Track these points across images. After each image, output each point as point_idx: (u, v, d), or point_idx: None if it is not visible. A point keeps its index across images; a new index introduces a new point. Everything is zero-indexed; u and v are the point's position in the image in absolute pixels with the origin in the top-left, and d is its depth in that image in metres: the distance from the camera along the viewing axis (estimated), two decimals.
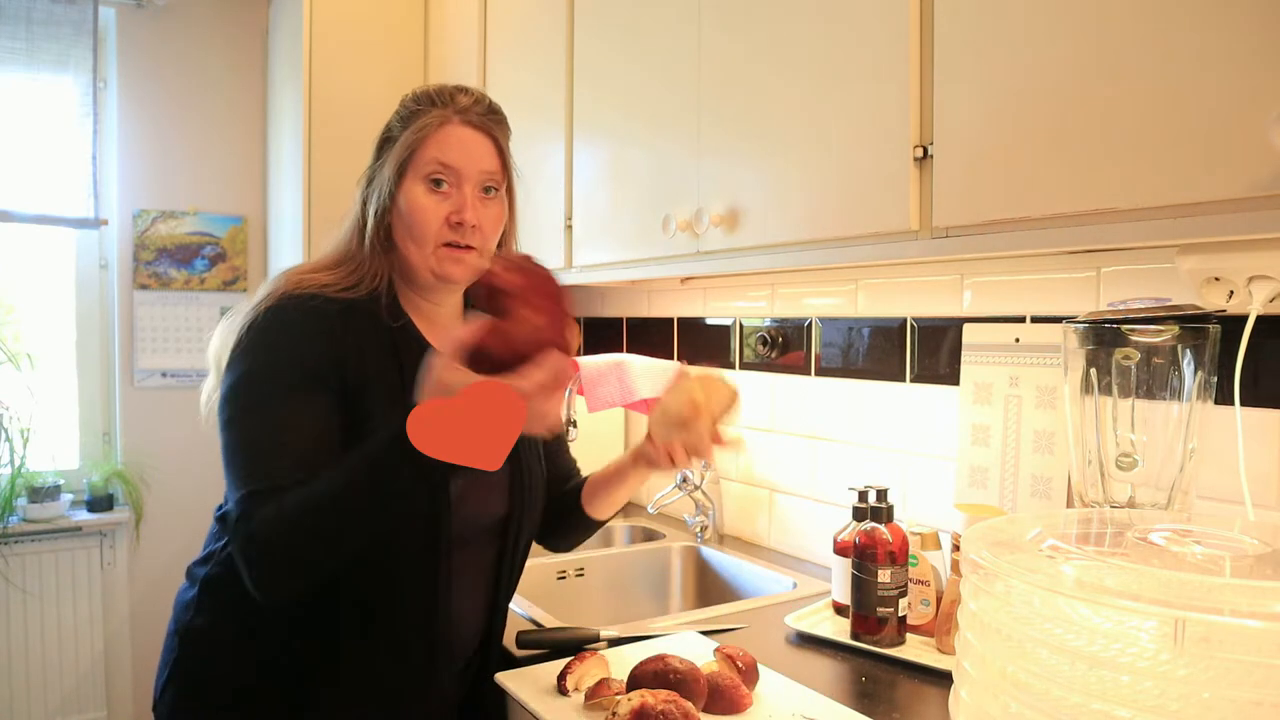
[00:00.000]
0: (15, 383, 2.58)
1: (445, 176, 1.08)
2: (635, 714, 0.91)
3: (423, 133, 1.08)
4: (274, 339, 1.03)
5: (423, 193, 1.08)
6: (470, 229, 1.08)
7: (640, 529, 2.03)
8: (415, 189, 1.08)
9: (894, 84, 1.06)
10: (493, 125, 1.12)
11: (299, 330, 1.03)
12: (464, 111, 1.10)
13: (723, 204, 1.33)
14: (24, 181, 2.51)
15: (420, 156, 1.08)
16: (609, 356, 1.84)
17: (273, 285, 1.08)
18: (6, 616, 2.51)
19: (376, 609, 1.08)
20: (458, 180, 1.09)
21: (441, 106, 1.10)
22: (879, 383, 1.57)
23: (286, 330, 1.03)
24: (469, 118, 1.10)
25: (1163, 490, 0.97)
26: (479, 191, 1.10)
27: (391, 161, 1.10)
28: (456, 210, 1.08)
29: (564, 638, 1.24)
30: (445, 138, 1.09)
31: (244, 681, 1.07)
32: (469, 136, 1.10)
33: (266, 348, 1.02)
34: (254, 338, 1.03)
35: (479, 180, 1.10)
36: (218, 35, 2.79)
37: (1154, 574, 0.68)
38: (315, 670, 1.06)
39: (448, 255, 1.09)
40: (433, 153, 1.08)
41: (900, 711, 1.03)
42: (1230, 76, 0.76)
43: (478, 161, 1.10)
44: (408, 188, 1.09)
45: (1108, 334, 0.99)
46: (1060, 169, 0.89)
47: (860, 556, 1.21)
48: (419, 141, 1.08)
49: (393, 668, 1.09)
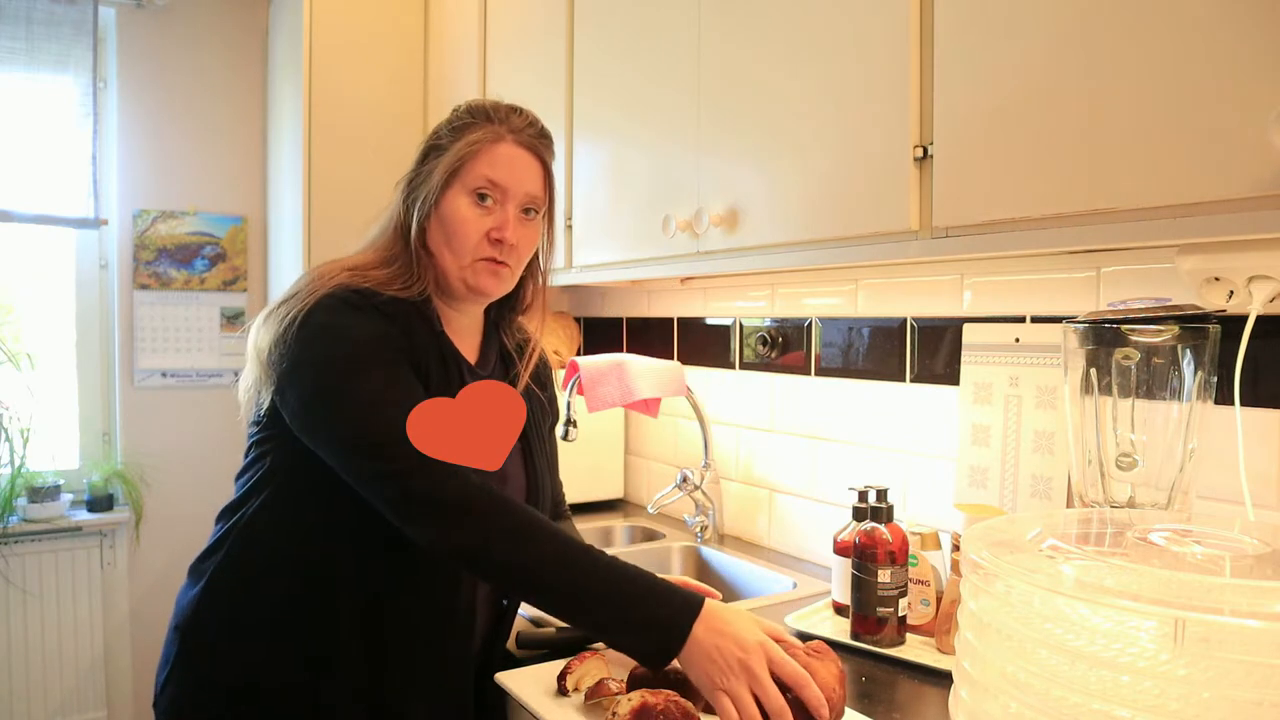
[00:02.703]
0: (15, 383, 2.58)
1: (491, 193, 1.11)
2: (635, 714, 0.91)
3: (475, 147, 1.10)
4: (350, 322, 1.03)
5: (467, 204, 1.10)
6: (509, 248, 1.11)
7: (640, 529, 2.03)
8: (460, 200, 1.10)
9: (894, 84, 1.06)
10: (542, 149, 1.15)
11: (372, 316, 1.04)
12: (517, 132, 1.13)
13: (723, 204, 1.33)
14: (24, 181, 2.51)
15: (470, 170, 1.10)
16: (609, 356, 1.84)
17: (317, 279, 1.08)
18: (6, 616, 2.51)
19: (384, 608, 1.08)
20: (503, 198, 1.11)
21: (496, 124, 1.12)
22: (879, 383, 1.57)
23: (359, 315, 1.03)
24: (521, 138, 1.13)
25: (1163, 490, 0.97)
26: (520, 212, 1.12)
27: (440, 170, 1.11)
28: (498, 227, 1.10)
29: (564, 638, 1.24)
30: (496, 155, 1.11)
31: (244, 679, 1.07)
32: (519, 157, 1.12)
33: (343, 330, 1.02)
34: (325, 322, 1.02)
35: (522, 201, 1.12)
36: (218, 35, 2.79)
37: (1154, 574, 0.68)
38: (316, 666, 1.07)
39: (484, 268, 1.11)
40: (483, 169, 1.10)
41: (900, 711, 1.03)
42: (1230, 76, 0.76)
43: (524, 183, 1.12)
44: (453, 198, 1.10)
45: (1108, 334, 0.99)
46: (1060, 169, 0.89)
47: (860, 556, 1.21)
48: (470, 155, 1.10)
49: (400, 667, 1.09)
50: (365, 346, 1.02)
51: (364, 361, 1.01)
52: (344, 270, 1.09)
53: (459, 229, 1.09)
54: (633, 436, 2.26)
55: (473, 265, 1.11)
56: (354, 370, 1.00)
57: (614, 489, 2.24)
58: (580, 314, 2.51)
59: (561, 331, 2.34)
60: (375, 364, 1.01)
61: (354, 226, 1.25)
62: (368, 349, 1.02)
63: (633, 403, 1.85)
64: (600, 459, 2.22)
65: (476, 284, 1.12)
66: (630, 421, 2.27)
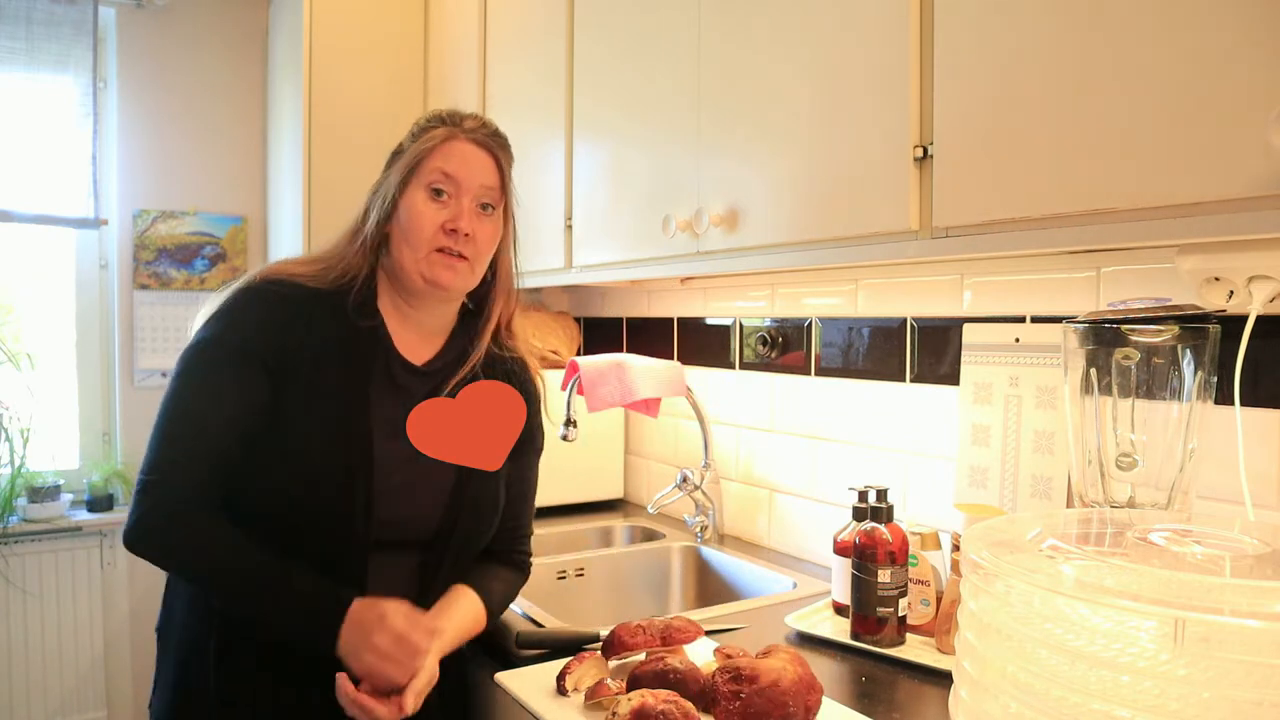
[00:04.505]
0: (15, 383, 2.58)
1: (445, 186, 1.14)
2: (635, 714, 0.91)
3: (428, 144, 1.15)
4: (226, 316, 1.12)
5: (423, 199, 1.14)
6: (463, 237, 1.13)
7: (640, 529, 2.03)
8: (416, 196, 1.14)
9: (894, 84, 1.06)
10: (495, 146, 1.19)
11: (251, 310, 1.12)
12: (470, 131, 1.17)
13: (723, 204, 1.33)
14: (24, 181, 2.51)
15: (424, 166, 1.15)
16: (609, 356, 1.84)
17: (251, 272, 1.17)
18: (6, 616, 2.51)
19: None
20: (457, 191, 1.15)
21: (450, 125, 1.17)
22: (879, 383, 1.57)
23: (240, 309, 1.12)
24: (474, 136, 1.17)
25: (1163, 490, 0.97)
26: (476, 206, 1.16)
27: (397, 171, 1.16)
28: (452, 218, 1.13)
29: (564, 638, 1.24)
30: (449, 150, 1.15)
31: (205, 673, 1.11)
32: (471, 151, 1.16)
33: (216, 321, 1.11)
34: (214, 313, 1.13)
35: (477, 194, 1.16)
36: (218, 35, 2.79)
37: (1154, 574, 0.68)
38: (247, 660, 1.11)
39: (439, 260, 1.14)
40: (436, 162, 1.14)
41: (900, 711, 1.03)
42: (1230, 76, 0.76)
43: (478, 175, 1.16)
44: (410, 195, 1.15)
45: (1108, 334, 0.99)
46: (1060, 169, 0.89)
47: (860, 556, 1.21)
48: (425, 153, 1.15)
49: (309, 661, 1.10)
50: (215, 347, 1.10)
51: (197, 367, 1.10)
52: (276, 264, 1.18)
53: (414, 222, 1.13)
54: (633, 436, 2.26)
55: (428, 257, 1.13)
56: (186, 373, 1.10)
57: (614, 489, 2.24)
58: (580, 314, 2.51)
59: (562, 331, 2.33)
60: (209, 368, 1.10)
61: None
62: (216, 350, 1.10)
63: (633, 403, 1.85)
64: (600, 459, 2.21)
65: (433, 276, 1.14)
66: (630, 421, 2.27)
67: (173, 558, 1.09)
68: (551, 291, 2.54)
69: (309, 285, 1.14)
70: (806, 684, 0.97)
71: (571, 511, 2.13)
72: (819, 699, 0.98)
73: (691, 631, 1.13)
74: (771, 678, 0.95)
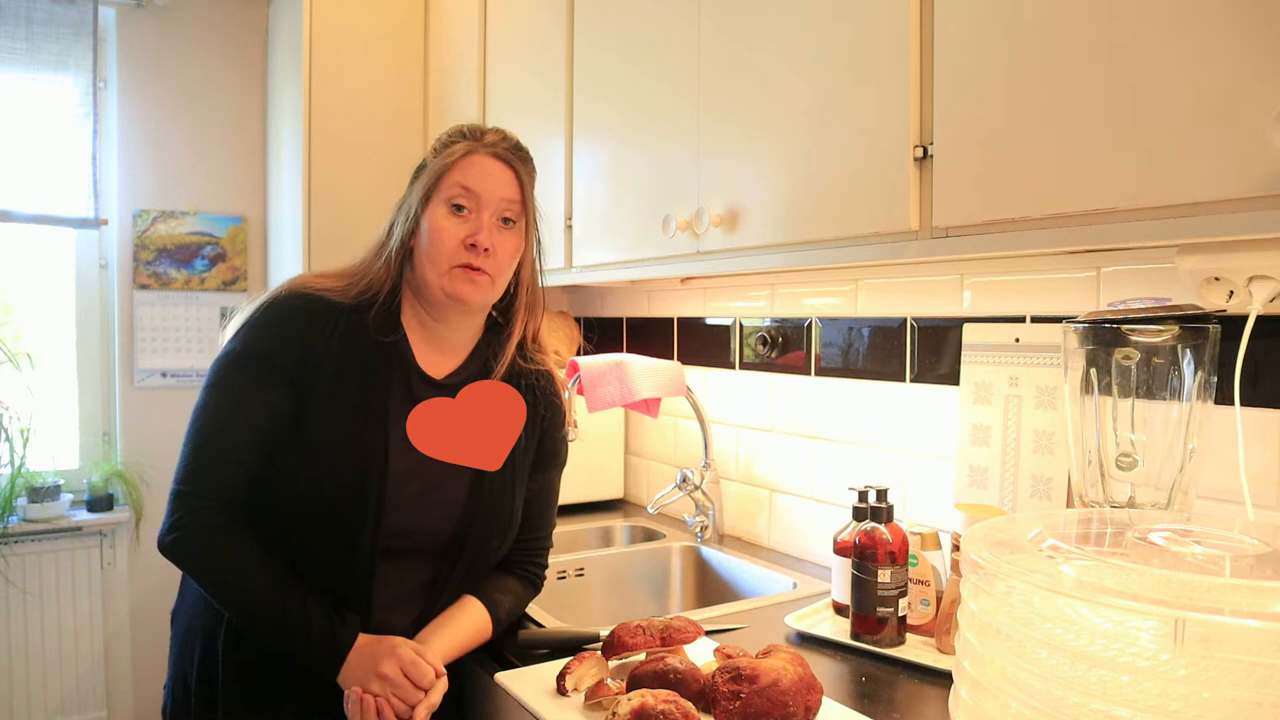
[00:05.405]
0: (15, 383, 2.58)
1: (466, 201, 1.15)
2: (635, 714, 0.91)
3: (449, 159, 1.16)
4: (252, 328, 1.14)
5: (444, 215, 1.15)
6: (484, 252, 1.14)
7: (640, 529, 2.03)
8: (438, 211, 1.15)
9: (894, 84, 1.06)
10: (516, 160, 1.19)
11: (276, 322, 1.13)
12: (490, 145, 1.18)
13: (723, 204, 1.33)
14: (24, 181, 2.51)
15: (445, 181, 1.15)
16: (609, 356, 1.84)
17: (279, 285, 1.18)
18: (6, 616, 2.51)
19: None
20: (478, 206, 1.15)
21: (470, 140, 1.18)
22: (879, 383, 1.57)
23: (265, 322, 1.14)
24: (494, 150, 1.17)
25: (1163, 490, 0.97)
26: (497, 220, 1.16)
27: (419, 186, 1.17)
28: (472, 233, 1.14)
29: (564, 638, 1.24)
30: (469, 165, 1.16)
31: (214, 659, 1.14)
32: (491, 166, 1.17)
33: (244, 333, 1.14)
34: (241, 325, 1.15)
35: (498, 208, 1.16)
36: (218, 35, 2.79)
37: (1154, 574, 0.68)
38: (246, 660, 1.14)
39: (461, 274, 1.14)
40: (457, 177, 1.15)
41: (900, 711, 1.03)
42: (1230, 76, 0.76)
43: (498, 189, 1.16)
44: (431, 210, 1.16)
45: (1108, 334, 0.99)
46: (1060, 169, 0.89)
47: (860, 556, 1.21)
48: (446, 168, 1.15)
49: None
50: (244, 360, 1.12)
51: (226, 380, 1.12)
52: (303, 277, 1.20)
53: (436, 237, 1.14)
54: (633, 436, 2.26)
55: (449, 272, 1.14)
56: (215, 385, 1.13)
57: (614, 489, 2.24)
58: (580, 314, 2.51)
59: (562, 331, 2.34)
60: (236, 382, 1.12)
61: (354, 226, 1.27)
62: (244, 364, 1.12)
63: (633, 403, 1.85)
64: (600, 459, 2.22)
65: (454, 291, 1.14)
66: (630, 421, 2.27)
67: (192, 569, 1.13)
68: (551, 291, 2.53)
69: (333, 299, 1.16)
70: (806, 684, 0.97)
71: (571, 511, 2.13)
72: (819, 699, 0.98)
73: (691, 631, 1.13)
74: (771, 678, 0.95)
